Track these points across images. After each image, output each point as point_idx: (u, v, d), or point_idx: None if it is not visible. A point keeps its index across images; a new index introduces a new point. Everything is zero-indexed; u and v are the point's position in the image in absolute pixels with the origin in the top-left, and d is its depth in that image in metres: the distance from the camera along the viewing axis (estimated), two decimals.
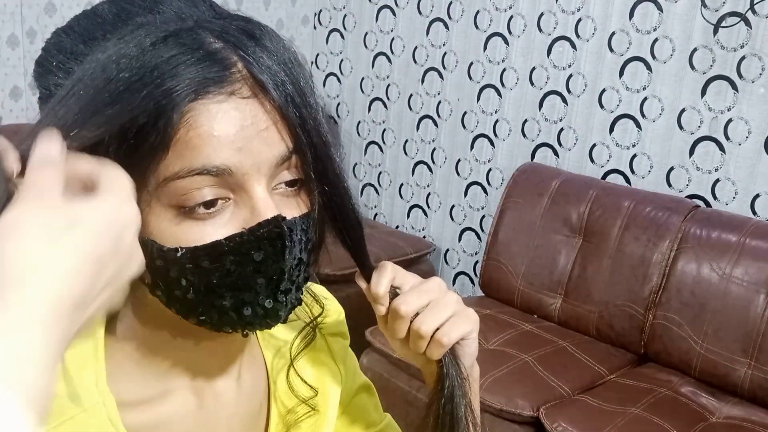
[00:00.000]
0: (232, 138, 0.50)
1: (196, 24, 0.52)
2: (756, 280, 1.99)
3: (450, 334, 0.64)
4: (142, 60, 0.49)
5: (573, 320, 2.32)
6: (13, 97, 2.59)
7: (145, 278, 0.53)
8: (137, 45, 0.49)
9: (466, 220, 2.92)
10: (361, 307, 0.77)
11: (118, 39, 0.50)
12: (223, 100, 0.50)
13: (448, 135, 2.92)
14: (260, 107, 0.51)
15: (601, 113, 2.48)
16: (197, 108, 0.49)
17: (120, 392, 0.57)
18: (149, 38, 0.50)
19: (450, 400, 0.65)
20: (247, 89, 0.51)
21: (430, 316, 0.63)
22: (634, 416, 1.86)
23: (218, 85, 0.50)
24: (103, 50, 0.50)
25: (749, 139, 2.18)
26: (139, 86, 0.48)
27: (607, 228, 2.27)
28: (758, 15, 2.11)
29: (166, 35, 0.50)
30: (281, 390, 0.69)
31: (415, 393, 2.12)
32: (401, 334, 0.65)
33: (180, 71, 0.49)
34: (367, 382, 0.81)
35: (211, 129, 0.50)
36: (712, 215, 2.17)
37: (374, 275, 0.64)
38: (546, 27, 2.57)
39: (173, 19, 0.52)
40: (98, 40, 0.53)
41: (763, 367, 1.94)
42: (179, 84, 0.48)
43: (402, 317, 0.63)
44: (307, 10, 3.29)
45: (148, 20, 0.52)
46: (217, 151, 0.50)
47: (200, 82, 0.49)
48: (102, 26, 0.53)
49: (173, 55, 0.49)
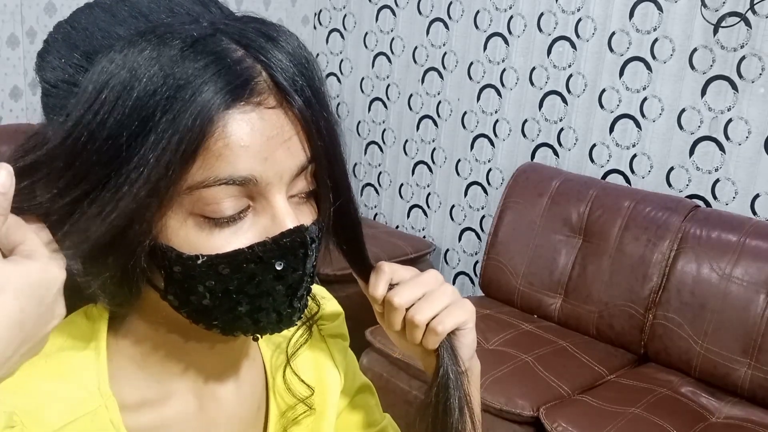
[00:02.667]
0: (259, 148, 0.50)
1: (215, 29, 0.51)
2: (756, 280, 1.99)
3: (444, 323, 0.65)
4: (170, 73, 0.47)
5: (573, 320, 2.32)
6: (13, 97, 2.59)
7: (157, 283, 0.53)
8: (161, 55, 0.48)
9: (466, 220, 2.92)
10: (361, 307, 0.77)
11: (135, 44, 0.48)
12: (251, 110, 0.50)
13: (448, 135, 2.92)
14: (284, 116, 0.52)
15: (601, 113, 2.48)
16: (226, 119, 0.49)
17: (122, 394, 0.57)
18: (173, 48, 0.48)
19: (444, 389, 0.66)
20: (272, 98, 0.51)
21: (425, 306, 0.64)
22: (634, 416, 1.86)
23: (245, 95, 0.50)
24: (122, 57, 0.48)
25: (749, 139, 2.18)
26: (173, 106, 0.47)
27: (607, 228, 2.27)
28: (758, 15, 2.11)
29: (191, 43, 0.49)
30: (280, 387, 0.70)
31: (415, 393, 2.12)
32: (397, 326, 0.66)
33: (209, 84, 0.48)
34: (367, 382, 0.81)
35: (239, 140, 0.49)
36: (712, 215, 2.17)
37: (372, 277, 0.65)
38: (546, 27, 2.57)
39: (188, 22, 0.51)
40: (110, 38, 0.51)
41: (763, 367, 1.94)
42: (209, 97, 0.48)
43: (395, 309, 0.64)
44: (307, 10, 3.29)
45: (163, 21, 0.51)
46: (244, 161, 0.50)
47: (229, 93, 0.49)
48: (113, 24, 0.52)
49: (200, 67, 0.48)
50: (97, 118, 0.48)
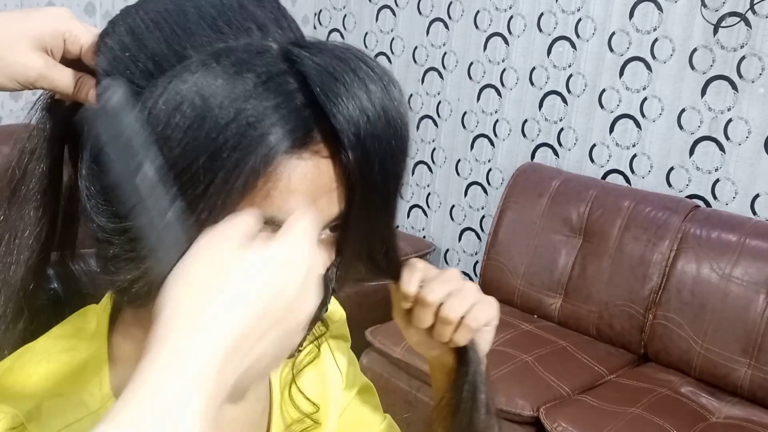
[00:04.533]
0: (306, 195, 0.50)
1: (289, 60, 0.49)
2: (756, 280, 1.99)
3: (478, 319, 0.66)
4: (242, 109, 0.47)
5: (573, 320, 2.32)
6: (13, 97, 2.59)
7: None
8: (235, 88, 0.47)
9: (466, 220, 2.92)
10: (361, 307, 0.77)
11: (209, 67, 0.48)
12: (307, 157, 0.50)
13: (448, 135, 2.92)
14: (335, 168, 0.51)
15: (601, 113, 2.48)
16: (281, 163, 0.49)
17: None
18: (246, 82, 0.47)
19: (473, 386, 0.67)
20: (326, 149, 0.50)
21: (457, 303, 0.65)
22: (634, 416, 1.86)
23: (304, 143, 0.49)
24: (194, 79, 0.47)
25: (749, 139, 2.18)
26: (241, 143, 0.47)
27: (607, 228, 2.27)
28: (758, 15, 2.11)
29: (265, 80, 0.48)
30: (288, 401, 0.70)
31: (415, 393, 2.12)
32: (427, 323, 0.66)
33: (276, 127, 0.47)
34: (367, 382, 0.81)
35: (289, 185, 0.49)
36: (712, 215, 2.17)
37: (405, 273, 0.65)
38: (546, 27, 2.57)
39: (260, 48, 0.50)
40: (182, 48, 0.50)
41: (763, 367, 1.94)
42: (275, 142, 0.47)
43: (429, 305, 0.65)
44: (307, 10, 3.29)
45: (238, 44, 0.50)
46: (289, 205, 0.50)
47: (292, 139, 0.48)
48: (184, 29, 0.50)
49: (270, 106, 0.47)
50: (168, 143, 0.48)
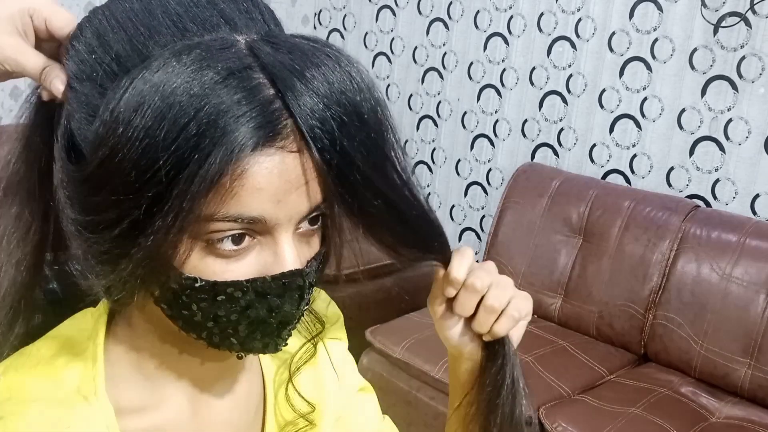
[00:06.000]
0: (274, 191, 0.50)
1: (253, 54, 0.49)
2: (756, 280, 1.99)
3: (521, 309, 0.67)
4: (201, 107, 0.46)
5: (573, 320, 2.32)
6: (13, 97, 2.59)
7: (153, 291, 0.53)
8: (192, 86, 0.47)
9: (466, 220, 2.92)
10: (361, 307, 0.77)
11: (169, 65, 0.47)
12: (273, 153, 0.49)
13: (448, 135, 2.92)
14: (306, 161, 0.50)
15: (601, 113, 2.48)
16: (247, 160, 0.48)
17: (118, 398, 0.57)
18: (206, 79, 0.47)
19: (513, 377, 0.69)
20: (294, 144, 0.50)
21: (500, 292, 0.66)
22: (634, 416, 1.86)
23: (271, 139, 0.49)
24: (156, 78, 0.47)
25: (749, 139, 2.18)
26: (203, 143, 0.47)
27: (607, 228, 2.27)
28: (758, 15, 2.11)
29: (225, 76, 0.47)
30: (281, 402, 0.70)
31: (415, 393, 2.12)
32: (470, 311, 0.67)
33: (238, 124, 0.47)
34: (366, 383, 0.81)
35: (255, 182, 0.49)
36: (712, 215, 2.17)
37: (456, 259, 0.65)
38: (546, 27, 2.57)
39: (225, 44, 0.49)
40: (146, 48, 0.50)
41: (763, 367, 1.94)
42: (239, 139, 0.47)
43: (476, 292, 0.65)
44: (307, 10, 3.29)
45: (202, 41, 0.49)
46: (258, 203, 0.49)
47: (257, 136, 0.48)
48: (150, 28, 0.50)
49: (232, 103, 0.47)
50: (130, 144, 0.47)
